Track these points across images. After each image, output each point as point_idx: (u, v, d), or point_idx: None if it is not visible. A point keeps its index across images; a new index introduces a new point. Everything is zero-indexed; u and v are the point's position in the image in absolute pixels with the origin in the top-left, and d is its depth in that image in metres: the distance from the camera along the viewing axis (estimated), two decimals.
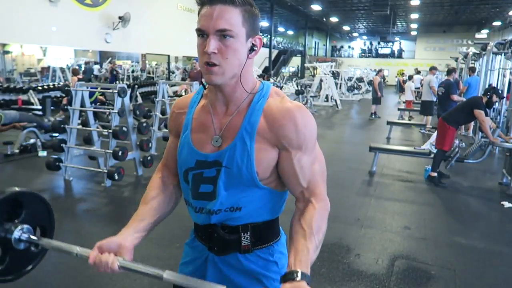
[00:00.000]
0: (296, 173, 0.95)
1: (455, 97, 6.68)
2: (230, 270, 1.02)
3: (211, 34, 0.88)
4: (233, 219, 0.98)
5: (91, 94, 7.10)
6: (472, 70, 8.39)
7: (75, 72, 8.58)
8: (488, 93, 4.65)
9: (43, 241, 0.99)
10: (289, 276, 0.82)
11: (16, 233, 0.96)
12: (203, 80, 1.01)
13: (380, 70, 11.58)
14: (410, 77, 11.44)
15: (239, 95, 0.97)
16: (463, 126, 8.29)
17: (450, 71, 7.26)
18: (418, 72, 16.56)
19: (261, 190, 0.97)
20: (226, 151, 0.94)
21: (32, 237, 0.99)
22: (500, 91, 4.82)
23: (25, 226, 0.98)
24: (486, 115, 4.56)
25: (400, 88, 18.85)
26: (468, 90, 8.05)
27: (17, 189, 0.97)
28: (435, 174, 4.70)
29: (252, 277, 1.01)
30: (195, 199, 1.01)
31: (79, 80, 7.00)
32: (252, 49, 0.94)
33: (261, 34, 1.03)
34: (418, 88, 15.23)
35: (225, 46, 0.89)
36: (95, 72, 15.60)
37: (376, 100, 10.84)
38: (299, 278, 0.81)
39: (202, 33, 0.90)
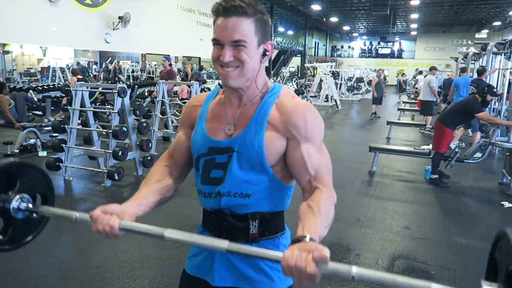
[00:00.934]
0: (304, 160, 0.99)
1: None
2: (237, 259, 1.05)
3: (227, 44, 0.95)
4: (242, 206, 1.02)
5: (91, 94, 7.08)
6: (462, 70, 8.44)
7: (74, 72, 8.56)
8: (483, 93, 4.58)
9: (43, 209, 1.00)
10: (297, 239, 0.80)
11: (15, 203, 0.98)
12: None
13: (379, 70, 11.56)
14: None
15: (252, 92, 1.05)
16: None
17: (481, 72, 7.08)
18: (420, 72, 16.56)
19: (269, 179, 1.02)
20: (238, 138, 1.01)
21: (31, 205, 1.00)
22: (494, 89, 4.70)
23: (24, 195, 0.99)
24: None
25: (400, 88, 18.86)
26: (456, 90, 8.09)
27: (12, 159, 0.99)
28: (436, 176, 4.71)
29: (258, 267, 1.05)
30: (205, 184, 1.06)
31: (78, 80, 6.97)
32: (264, 54, 1.01)
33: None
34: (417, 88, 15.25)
35: (240, 53, 0.95)
36: (94, 72, 15.57)
37: (376, 100, 10.83)
38: (307, 240, 0.79)
39: (217, 43, 0.97)
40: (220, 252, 1.04)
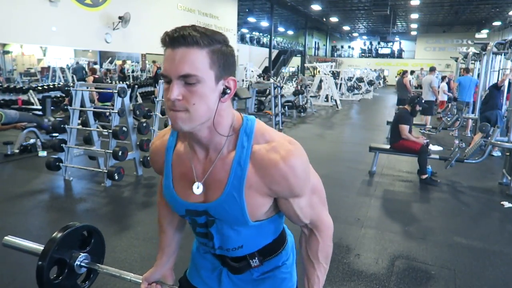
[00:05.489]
0: (296, 214, 0.95)
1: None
2: (242, 280, 1.06)
3: (174, 79, 0.79)
4: (238, 253, 1.01)
5: (107, 97, 7.00)
6: (466, 70, 8.48)
7: (93, 71, 8.22)
8: (412, 103, 4.97)
9: (101, 268, 1.18)
10: None
11: (78, 260, 1.16)
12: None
13: (405, 71, 10.70)
14: (443, 78, 11.24)
15: (218, 140, 0.89)
16: (463, 126, 8.34)
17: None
18: (412, 72, 16.42)
19: (259, 226, 0.97)
20: (214, 205, 0.91)
21: (91, 264, 1.18)
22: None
23: (85, 254, 1.18)
24: (411, 123, 4.99)
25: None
26: (459, 88, 8.22)
27: (78, 224, 1.19)
28: (426, 175, 4.73)
29: (264, 283, 1.06)
30: (196, 235, 1.05)
31: (95, 80, 6.85)
32: (224, 92, 0.84)
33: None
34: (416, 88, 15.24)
35: (190, 92, 0.79)
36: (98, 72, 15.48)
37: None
38: None
39: (166, 79, 0.81)
40: (226, 275, 1.07)
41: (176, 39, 0.79)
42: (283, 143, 0.88)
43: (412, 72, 16.56)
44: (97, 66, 16.34)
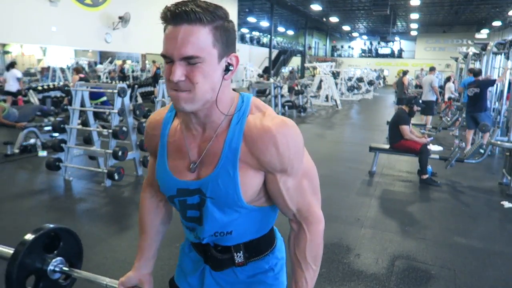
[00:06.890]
0: (283, 196, 0.90)
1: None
2: (226, 281, 1.02)
3: (177, 60, 0.76)
4: (225, 240, 0.96)
5: (97, 96, 6.99)
6: (470, 71, 8.46)
7: (78, 71, 8.21)
8: (410, 103, 4.97)
9: (75, 273, 1.10)
10: None
11: (52, 265, 1.07)
12: None
13: (405, 71, 10.68)
14: (449, 78, 11.22)
15: (216, 118, 0.87)
16: (463, 126, 8.34)
17: (477, 73, 7.00)
18: (405, 73, 16.36)
19: (250, 211, 0.92)
20: (208, 181, 0.87)
21: (65, 268, 1.09)
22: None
23: (59, 258, 1.10)
24: (409, 123, 4.95)
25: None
26: (465, 90, 8.21)
27: (52, 226, 1.11)
28: (427, 175, 4.73)
29: (249, 286, 1.01)
30: (185, 220, 0.98)
31: (81, 79, 6.87)
32: (227, 69, 0.82)
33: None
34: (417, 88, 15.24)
35: (193, 72, 0.77)
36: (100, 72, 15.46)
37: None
38: None
39: (167, 59, 0.78)
40: (210, 274, 1.02)
41: (179, 15, 0.76)
42: (278, 115, 0.87)
43: (406, 72, 16.62)
44: (80, 65, 16.17)
